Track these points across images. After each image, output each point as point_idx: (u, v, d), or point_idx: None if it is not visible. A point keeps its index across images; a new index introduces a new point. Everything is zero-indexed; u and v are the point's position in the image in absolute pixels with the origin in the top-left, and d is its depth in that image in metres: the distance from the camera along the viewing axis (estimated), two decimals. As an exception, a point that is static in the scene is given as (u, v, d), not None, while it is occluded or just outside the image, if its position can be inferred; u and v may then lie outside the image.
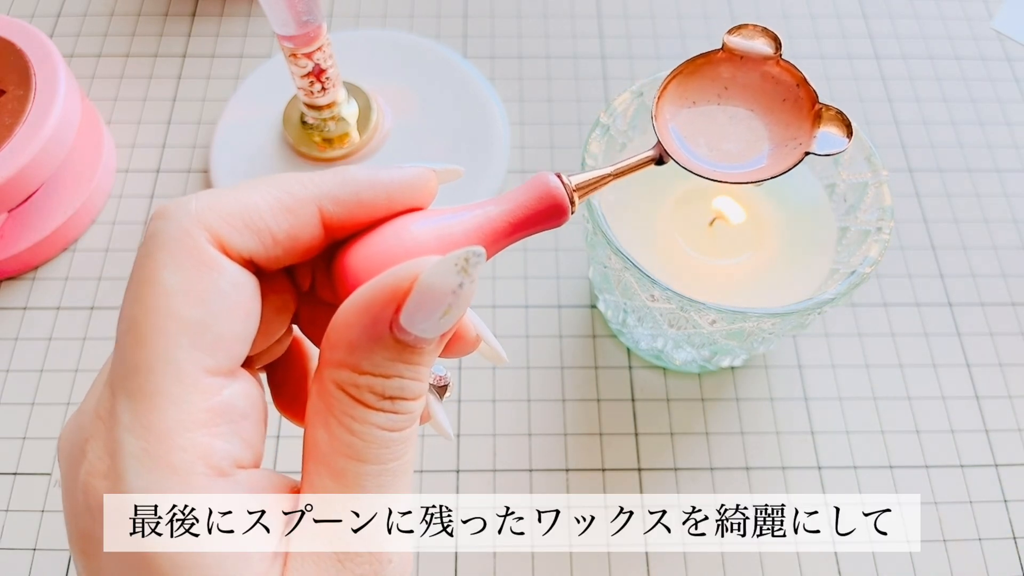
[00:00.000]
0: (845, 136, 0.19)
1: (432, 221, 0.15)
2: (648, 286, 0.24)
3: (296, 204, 0.14)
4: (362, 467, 0.14)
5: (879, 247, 0.24)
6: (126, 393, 0.13)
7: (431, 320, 0.13)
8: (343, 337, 0.13)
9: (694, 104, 0.20)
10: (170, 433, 0.13)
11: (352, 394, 0.13)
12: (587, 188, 0.17)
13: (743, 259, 0.28)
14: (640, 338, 0.29)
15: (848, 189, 0.27)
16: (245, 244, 0.14)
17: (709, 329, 0.24)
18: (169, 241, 0.13)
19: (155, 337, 0.13)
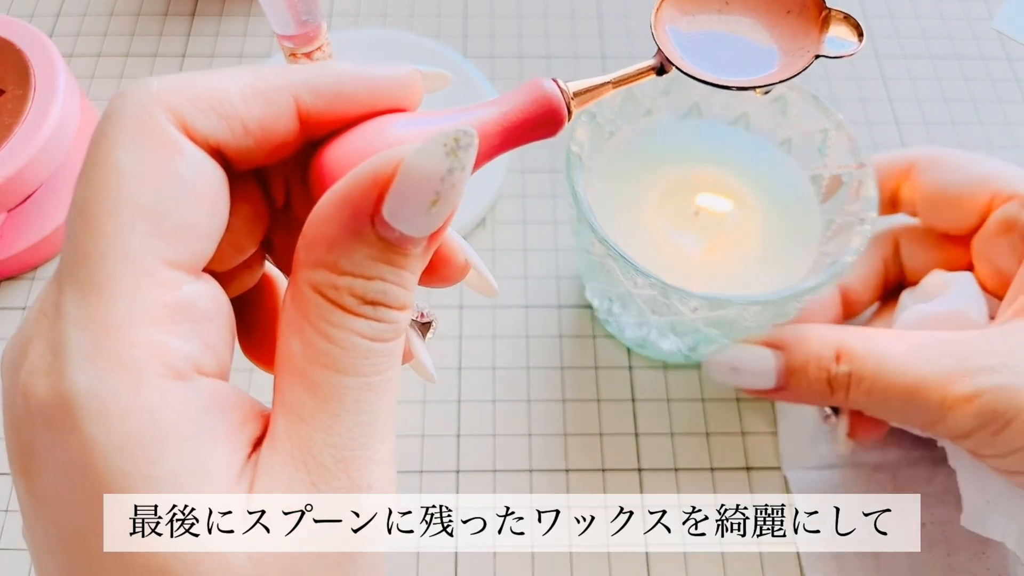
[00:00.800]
0: (856, 39, 0.18)
1: (417, 121, 0.14)
2: (630, 273, 0.24)
3: (271, 90, 0.13)
4: (341, 379, 0.12)
5: (861, 238, 0.25)
6: (74, 283, 0.11)
7: (418, 213, 0.12)
8: (321, 233, 0.12)
9: (694, 16, 0.18)
10: (121, 326, 0.11)
11: (330, 296, 0.12)
12: (585, 95, 0.15)
13: (728, 249, 0.28)
14: (625, 326, 0.29)
15: (832, 180, 0.27)
16: (212, 129, 0.12)
17: (691, 316, 0.24)
18: (126, 119, 0.12)
19: (107, 222, 0.11)
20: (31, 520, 0.12)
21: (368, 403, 0.12)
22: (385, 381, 0.13)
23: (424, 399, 0.31)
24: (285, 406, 0.12)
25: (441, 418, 0.30)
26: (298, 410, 0.12)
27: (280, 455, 0.12)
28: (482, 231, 0.35)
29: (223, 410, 0.12)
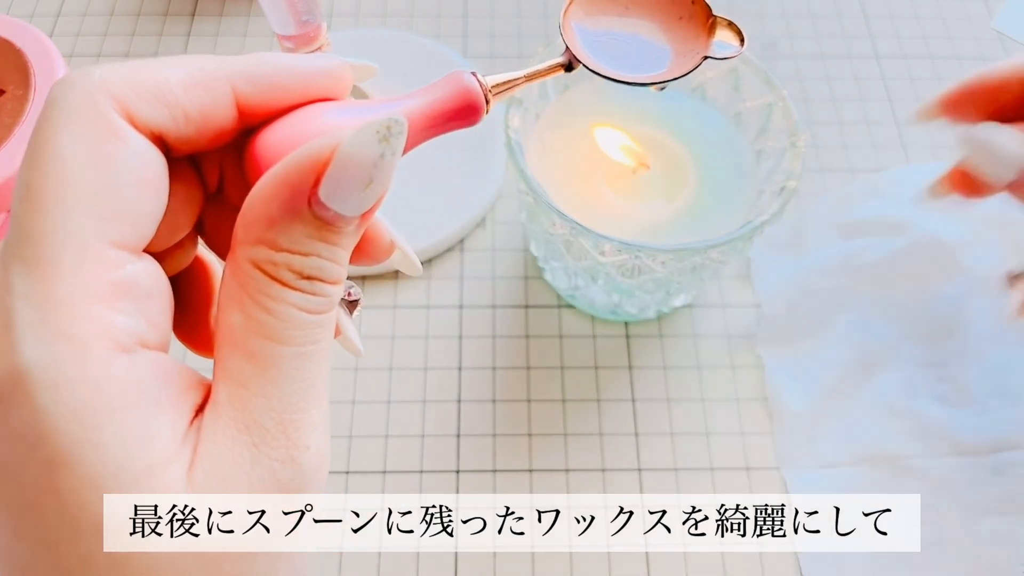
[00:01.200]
0: (738, 42, 0.20)
1: (348, 110, 0.15)
2: (599, 242, 0.24)
3: (210, 80, 0.14)
4: (279, 348, 0.13)
5: (798, 159, 0.26)
6: (20, 261, 0.12)
7: (352, 194, 0.13)
8: (260, 213, 0.13)
9: (598, 19, 0.21)
10: (69, 302, 0.12)
11: (269, 271, 0.13)
12: (501, 88, 0.17)
13: (672, 200, 0.29)
14: (595, 296, 0.30)
15: (753, 114, 0.28)
16: (154, 117, 0.13)
17: (662, 271, 0.25)
18: (70, 107, 0.12)
19: (53, 204, 0.12)
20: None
21: (304, 370, 0.13)
22: (319, 351, 0.13)
23: (424, 399, 0.31)
24: (226, 374, 0.13)
25: (441, 418, 0.30)
26: (239, 377, 0.13)
27: (223, 419, 0.13)
28: (482, 231, 0.35)
29: (166, 380, 0.13)
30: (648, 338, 0.32)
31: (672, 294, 0.29)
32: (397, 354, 0.32)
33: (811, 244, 0.34)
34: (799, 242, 0.34)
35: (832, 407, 0.30)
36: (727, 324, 0.32)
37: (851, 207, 0.34)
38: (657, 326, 0.32)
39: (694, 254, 0.25)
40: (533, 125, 0.29)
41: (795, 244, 0.34)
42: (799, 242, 0.34)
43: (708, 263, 0.26)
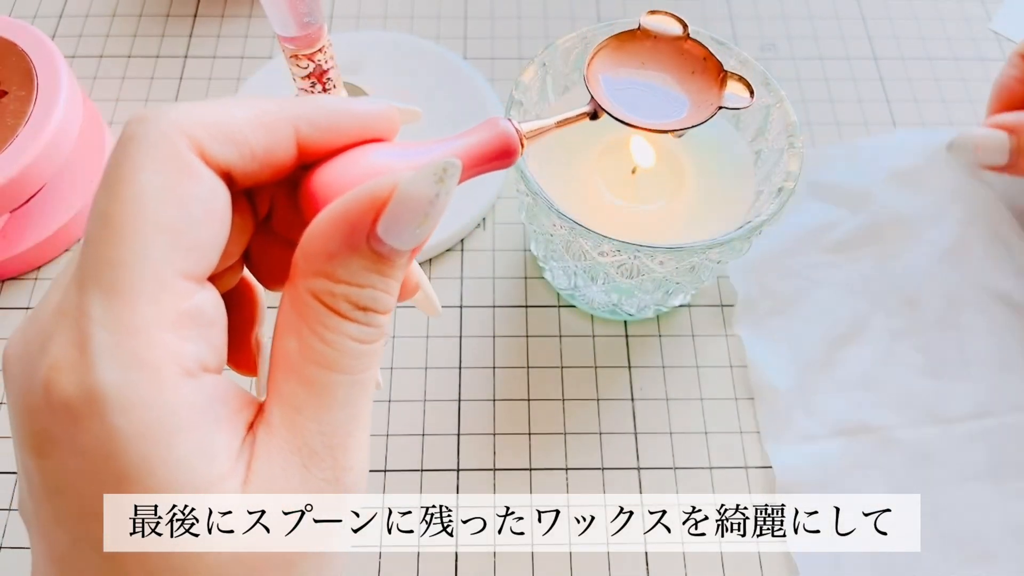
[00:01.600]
0: (748, 94, 0.22)
1: (399, 151, 0.16)
2: (598, 242, 0.25)
3: (275, 121, 0.14)
4: (333, 376, 0.14)
5: (796, 160, 0.26)
6: (98, 288, 0.13)
7: (407, 230, 0.14)
8: (321, 246, 0.14)
9: (618, 72, 0.23)
10: (143, 330, 0.12)
11: (327, 303, 0.14)
12: (534, 134, 0.18)
13: (670, 200, 0.29)
14: (594, 296, 0.30)
15: (752, 115, 0.29)
16: (224, 154, 0.14)
17: (661, 271, 0.26)
18: (149, 143, 0.13)
19: (132, 234, 0.13)
20: (39, 496, 0.13)
21: (354, 397, 0.14)
22: (368, 379, 0.14)
23: (424, 398, 0.31)
24: (281, 398, 0.14)
25: (441, 417, 0.30)
26: (293, 402, 0.14)
27: (276, 440, 0.14)
28: (482, 232, 0.35)
29: (224, 402, 0.14)
30: (647, 337, 0.32)
31: (671, 294, 0.30)
32: (398, 354, 0.32)
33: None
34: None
35: (810, 382, 0.31)
36: (726, 323, 0.32)
37: (826, 168, 0.36)
38: (656, 325, 0.32)
39: (693, 254, 0.25)
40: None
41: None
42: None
43: (707, 263, 0.26)
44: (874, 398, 0.30)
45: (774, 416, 0.30)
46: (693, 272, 0.27)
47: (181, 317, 0.13)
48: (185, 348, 0.13)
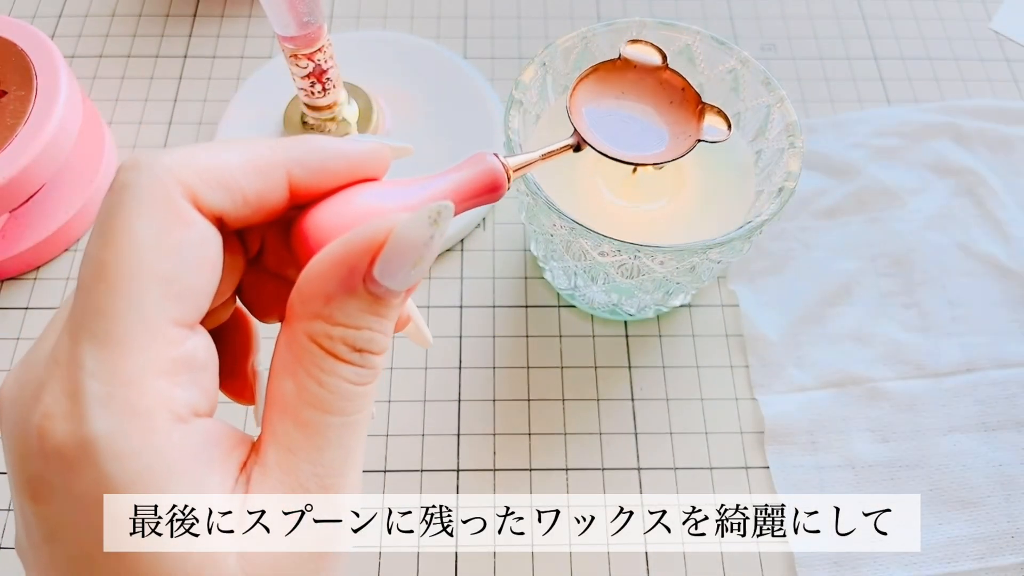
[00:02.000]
0: (725, 127, 0.23)
1: (389, 192, 0.16)
2: (598, 242, 0.25)
3: (267, 166, 0.15)
4: (327, 418, 0.14)
5: (796, 160, 0.26)
6: (90, 337, 0.13)
7: (402, 272, 0.14)
8: (317, 289, 0.14)
9: (599, 102, 0.23)
10: (135, 379, 0.13)
11: (324, 345, 0.14)
12: (520, 168, 0.19)
13: (670, 200, 0.29)
14: (594, 296, 0.30)
15: (752, 115, 0.29)
16: (217, 200, 0.14)
17: (661, 271, 0.26)
18: (142, 192, 0.13)
19: (125, 284, 0.13)
20: (37, 539, 0.13)
21: (347, 438, 0.14)
22: (362, 420, 0.15)
23: (424, 398, 0.31)
24: (275, 439, 0.14)
25: (441, 417, 0.30)
26: (287, 443, 0.14)
27: (270, 480, 0.14)
28: (481, 231, 0.35)
29: (216, 444, 0.14)
30: (647, 337, 0.32)
31: (671, 294, 0.30)
32: (398, 354, 0.32)
33: None
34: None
35: (802, 335, 0.32)
36: (726, 324, 0.32)
37: (813, 139, 0.37)
38: (656, 325, 0.32)
39: (693, 254, 0.25)
40: (533, 126, 0.29)
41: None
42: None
43: (707, 263, 0.26)
44: (863, 352, 0.31)
45: (766, 367, 0.31)
46: (693, 272, 0.27)
47: (173, 364, 0.13)
48: (176, 394, 0.13)
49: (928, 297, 0.33)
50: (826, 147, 0.37)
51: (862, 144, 0.37)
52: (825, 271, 0.33)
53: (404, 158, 0.17)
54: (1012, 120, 0.37)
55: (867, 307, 0.33)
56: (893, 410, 0.30)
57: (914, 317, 0.32)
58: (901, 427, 0.30)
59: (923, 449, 0.29)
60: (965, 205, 0.35)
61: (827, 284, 0.33)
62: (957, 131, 0.37)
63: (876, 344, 0.32)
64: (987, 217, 0.35)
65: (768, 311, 0.32)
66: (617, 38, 0.29)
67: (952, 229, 0.34)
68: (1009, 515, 0.28)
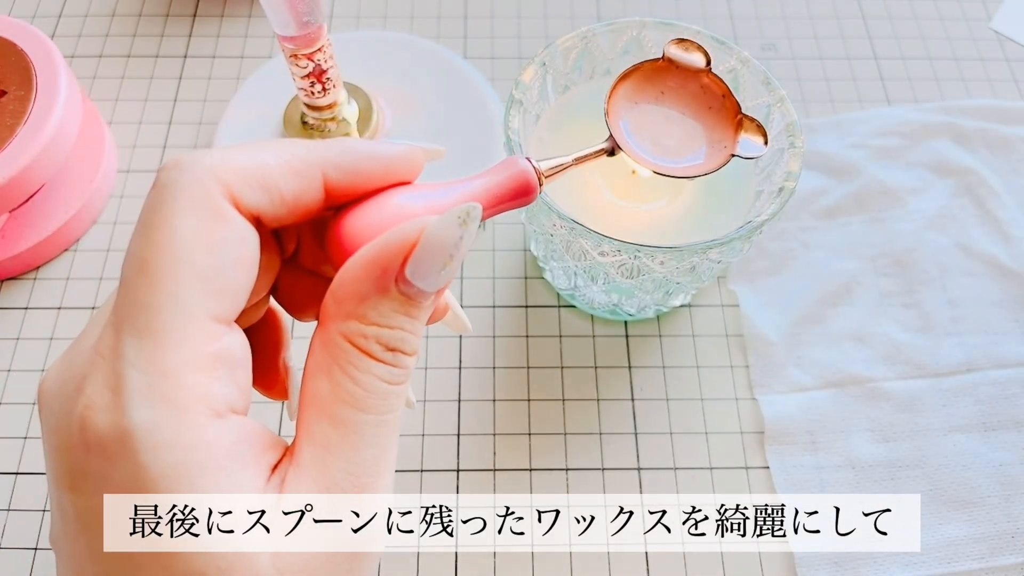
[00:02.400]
0: (763, 143, 0.23)
1: (421, 194, 0.16)
2: (598, 242, 0.25)
3: (304, 167, 0.15)
4: (362, 416, 0.14)
5: (796, 160, 0.26)
6: (133, 330, 0.13)
7: (433, 272, 0.14)
8: (351, 290, 0.14)
9: (637, 104, 0.23)
10: (175, 372, 0.13)
11: (359, 345, 0.14)
12: (553, 172, 0.19)
13: (670, 200, 0.29)
14: (594, 296, 0.30)
15: (752, 115, 0.28)
16: (256, 201, 0.14)
17: (661, 271, 0.26)
18: (184, 190, 0.14)
19: (167, 279, 0.13)
20: (74, 530, 0.14)
21: (382, 437, 0.15)
22: (395, 419, 0.15)
23: (424, 399, 0.31)
24: (311, 437, 0.14)
25: (441, 417, 0.30)
26: (323, 442, 0.14)
27: (305, 480, 0.14)
28: (482, 232, 0.35)
29: (249, 442, 0.14)
30: (647, 338, 0.32)
31: (671, 294, 0.30)
32: (397, 354, 0.32)
33: None
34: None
35: (802, 335, 0.32)
36: (726, 324, 0.32)
37: (812, 139, 0.37)
38: (656, 325, 0.32)
39: (693, 254, 0.25)
40: (533, 125, 0.29)
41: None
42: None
43: (707, 263, 0.26)
44: (864, 352, 0.31)
45: (766, 367, 0.31)
46: (693, 272, 0.27)
47: (211, 359, 0.14)
48: (214, 389, 0.13)
49: (928, 297, 0.33)
50: (826, 147, 0.37)
51: (862, 144, 0.37)
52: (825, 271, 0.33)
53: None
54: (1012, 120, 0.37)
55: (867, 307, 0.33)
56: (893, 410, 0.30)
57: (914, 317, 0.32)
58: (901, 427, 0.30)
59: (923, 449, 0.29)
60: (965, 205, 0.35)
61: (827, 284, 0.33)
62: (957, 131, 0.37)
63: (876, 344, 0.32)
64: (987, 217, 0.35)
65: (768, 311, 0.32)
66: (617, 38, 0.29)
67: (952, 229, 0.34)
68: (1009, 515, 0.28)
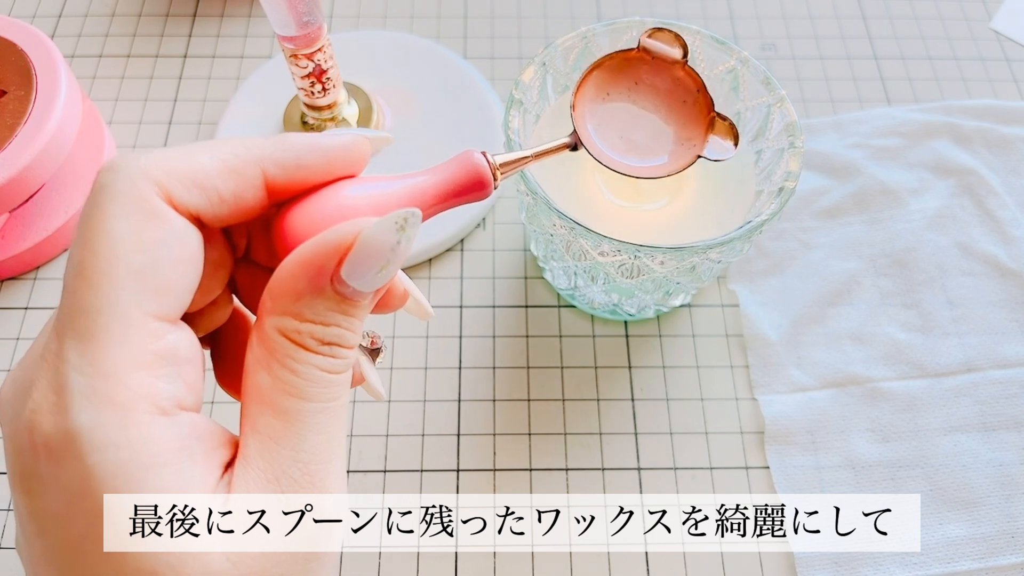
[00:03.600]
0: (732, 144, 0.22)
1: (367, 188, 0.16)
2: (598, 242, 0.25)
3: (242, 165, 0.15)
4: (305, 404, 0.14)
5: (796, 160, 0.26)
6: (73, 334, 0.13)
7: (369, 274, 0.14)
8: (287, 287, 0.14)
9: (607, 96, 0.22)
10: (116, 372, 0.13)
11: (294, 339, 0.14)
12: (509, 167, 0.18)
13: (671, 200, 0.29)
14: (594, 296, 0.30)
15: (752, 115, 0.29)
16: (192, 200, 0.14)
17: (661, 271, 0.26)
18: (118, 192, 0.14)
19: (103, 281, 0.13)
20: (30, 533, 0.14)
21: (327, 424, 0.15)
22: (339, 406, 0.15)
23: (424, 399, 0.31)
24: (256, 429, 0.14)
25: (441, 417, 0.30)
26: (268, 432, 0.14)
27: (252, 471, 0.14)
28: (481, 231, 0.35)
29: (199, 439, 0.14)
30: (647, 338, 0.32)
31: (671, 294, 0.30)
32: (398, 354, 0.32)
33: None
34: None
35: (802, 335, 0.32)
36: (726, 324, 0.32)
37: (813, 139, 0.37)
38: (656, 325, 0.32)
39: (693, 254, 0.25)
40: (533, 125, 0.29)
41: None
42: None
43: (707, 263, 0.26)
44: (863, 352, 0.31)
45: (766, 367, 0.31)
46: (693, 272, 0.27)
47: (154, 357, 0.13)
48: (159, 387, 0.13)
49: (928, 297, 0.33)
50: (826, 147, 0.37)
51: (862, 144, 0.37)
52: (825, 271, 0.33)
53: (390, 153, 0.17)
54: (1012, 120, 0.37)
55: (867, 307, 0.33)
56: (893, 410, 0.30)
57: (914, 317, 0.32)
58: (901, 427, 0.30)
59: (923, 449, 0.29)
60: (965, 205, 0.35)
61: (827, 284, 0.33)
62: (957, 131, 0.37)
63: (876, 344, 0.32)
64: (987, 217, 0.35)
65: (768, 311, 0.32)
66: (617, 38, 0.29)
67: (952, 229, 0.34)
68: (1009, 515, 0.28)
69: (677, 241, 0.25)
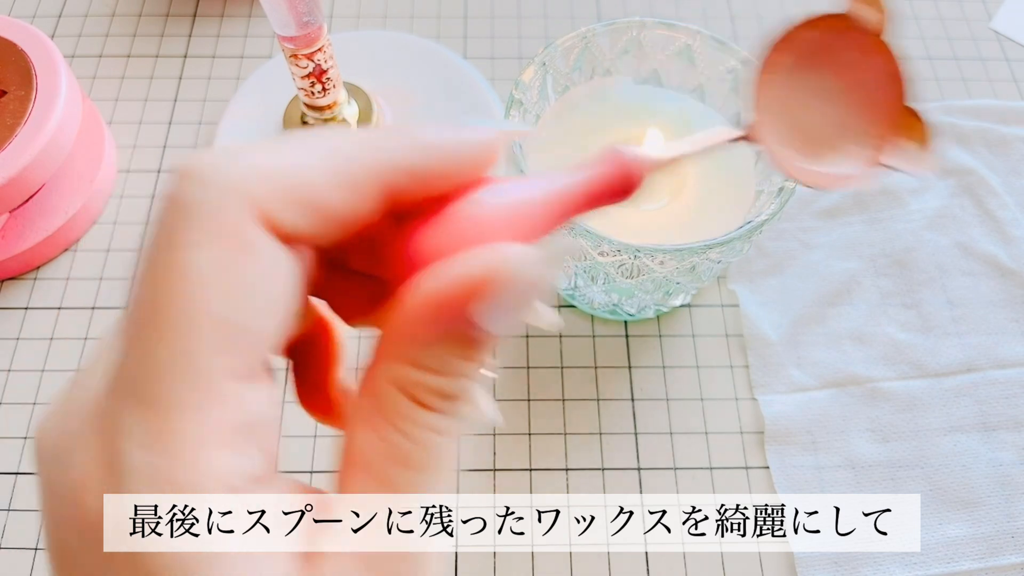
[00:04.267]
0: (924, 152, 0.17)
1: (502, 194, 0.14)
2: (598, 242, 0.25)
3: (359, 177, 0.12)
4: (416, 476, 0.12)
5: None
6: (134, 397, 0.11)
7: (506, 316, 0.12)
8: (408, 331, 0.12)
9: (790, 72, 0.18)
10: (183, 451, 0.11)
11: (411, 393, 0.12)
12: (661, 165, 0.15)
13: (671, 200, 0.29)
14: (594, 296, 0.30)
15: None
16: (296, 224, 0.11)
17: (661, 271, 0.26)
18: (204, 215, 0.11)
19: (181, 336, 0.11)
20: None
21: (436, 499, 0.13)
22: (449, 468, 0.13)
23: (424, 399, 0.31)
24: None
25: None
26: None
27: (347, 559, 0.12)
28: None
29: (275, 521, 0.12)
30: (647, 338, 0.32)
31: (671, 294, 0.30)
32: (397, 354, 0.32)
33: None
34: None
35: (802, 335, 0.32)
36: (726, 324, 0.32)
37: None
38: (656, 325, 0.32)
39: (693, 254, 0.25)
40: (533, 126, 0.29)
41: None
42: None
43: (707, 263, 0.26)
44: (863, 352, 0.31)
45: (766, 367, 0.31)
46: (693, 272, 0.27)
47: (230, 431, 0.11)
48: (231, 464, 0.11)
49: (928, 297, 0.33)
50: None
51: None
52: (825, 271, 0.33)
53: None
54: (1012, 120, 0.37)
55: (867, 307, 0.33)
56: (893, 410, 0.30)
57: (914, 317, 0.32)
58: (901, 427, 0.30)
59: (923, 449, 0.29)
60: (965, 205, 0.35)
61: (827, 284, 0.33)
62: (957, 131, 0.37)
63: (876, 344, 0.32)
64: (987, 217, 0.35)
65: (768, 311, 0.32)
66: (617, 38, 0.29)
67: (952, 229, 0.34)
68: (1009, 515, 0.28)
69: (677, 241, 0.25)
